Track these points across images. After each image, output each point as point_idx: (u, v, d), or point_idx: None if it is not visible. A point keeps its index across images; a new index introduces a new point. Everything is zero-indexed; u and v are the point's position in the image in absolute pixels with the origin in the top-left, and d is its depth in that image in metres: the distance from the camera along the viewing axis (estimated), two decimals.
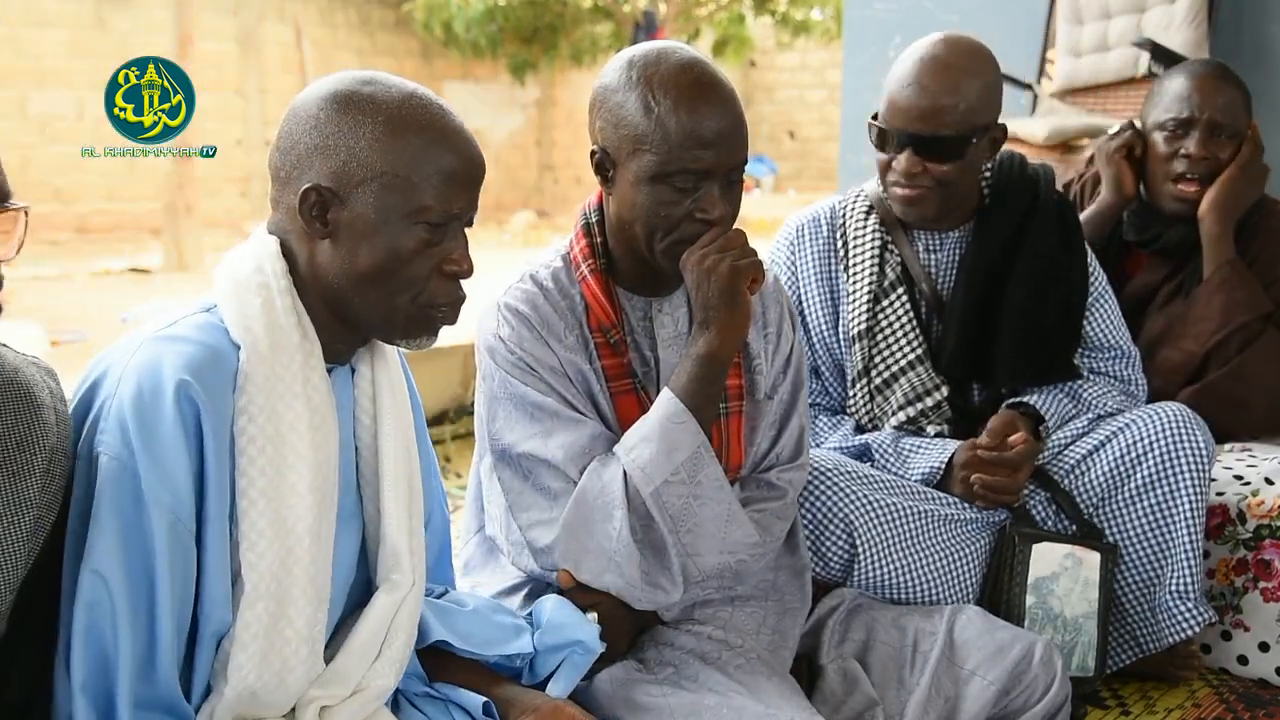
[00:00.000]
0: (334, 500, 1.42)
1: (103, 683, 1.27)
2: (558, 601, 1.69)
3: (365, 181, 1.37)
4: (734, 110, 1.69)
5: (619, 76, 1.71)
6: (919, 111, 2.18)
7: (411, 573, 1.50)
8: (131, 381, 1.29)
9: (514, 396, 1.74)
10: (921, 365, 2.28)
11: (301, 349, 1.38)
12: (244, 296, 1.38)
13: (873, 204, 2.35)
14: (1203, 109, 2.59)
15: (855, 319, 2.29)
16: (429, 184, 1.38)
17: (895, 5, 4.92)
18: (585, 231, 1.83)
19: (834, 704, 1.84)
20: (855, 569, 2.08)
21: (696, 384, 1.71)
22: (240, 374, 1.34)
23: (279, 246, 1.41)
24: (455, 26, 14.59)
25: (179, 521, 1.28)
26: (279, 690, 1.38)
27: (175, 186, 9.74)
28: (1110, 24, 4.01)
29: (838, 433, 2.32)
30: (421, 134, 1.39)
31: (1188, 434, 2.25)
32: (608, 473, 1.70)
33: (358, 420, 1.50)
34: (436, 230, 1.40)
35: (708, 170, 1.68)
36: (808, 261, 2.36)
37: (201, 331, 1.36)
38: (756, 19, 16.88)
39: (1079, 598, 2.21)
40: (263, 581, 1.34)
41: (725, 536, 1.74)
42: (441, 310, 1.45)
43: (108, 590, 1.26)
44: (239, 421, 1.33)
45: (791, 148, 19.81)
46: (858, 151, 5.14)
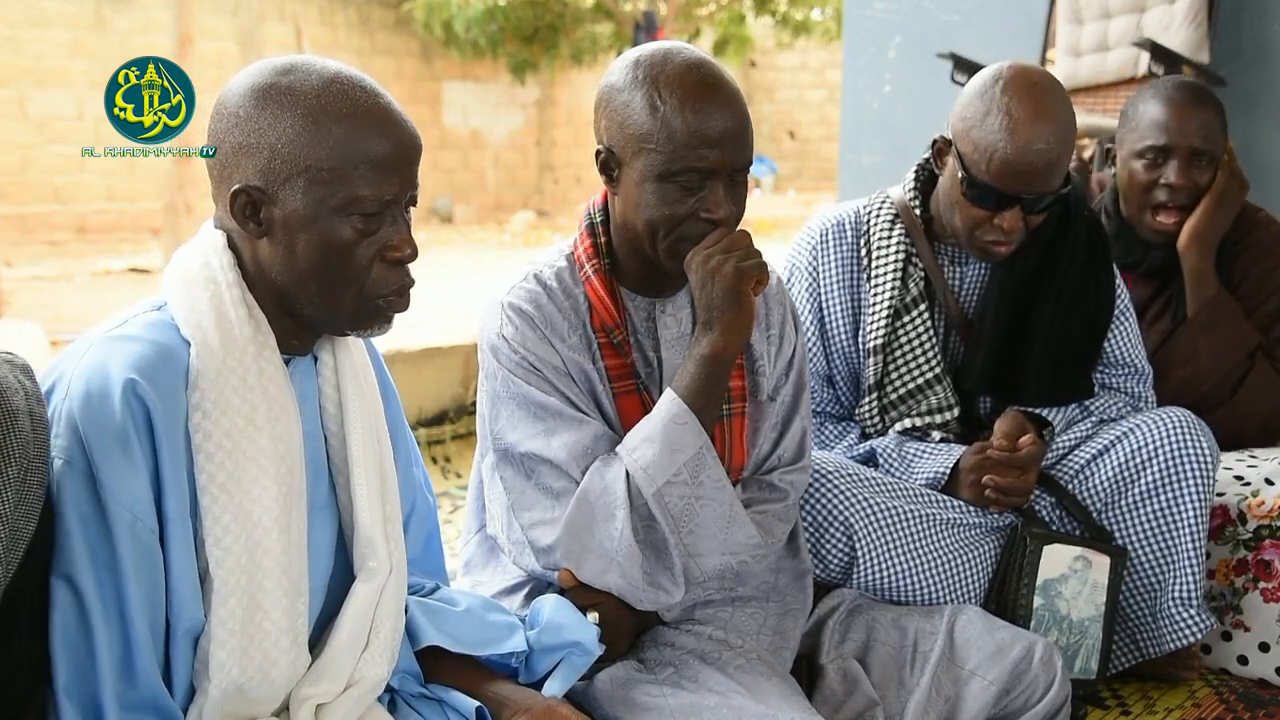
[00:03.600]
0: (302, 491, 1.41)
1: (86, 686, 1.26)
2: (557, 602, 1.69)
3: (292, 177, 1.34)
4: (740, 110, 1.69)
5: (625, 76, 1.71)
6: (1038, 174, 2.07)
7: (388, 559, 1.49)
8: (80, 384, 1.28)
9: (517, 396, 1.74)
10: (939, 384, 2.24)
11: (254, 341, 1.37)
12: (192, 292, 1.37)
13: (898, 212, 2.29)
14: (1181, 135, 2.52)
15: (874, 333, 2.25)
16: (357, 173, 1.35)
17: (895, 5, 4.92)
18: (589, 231, 1.83)
19: (834, 704, 1.84)
20: (855, 571, 2.08)
21: (699, 384, 1.71)
22: (192, 370, 1.33)
23: (226, 241, 1.40)
24: (455, 26, 14.60)
25: (138, 521, 1.27)
26: (265, 684, 1.37)
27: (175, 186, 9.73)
28: (1110, 24, 4.01)
29: (843, 441, 2.30)
30: (343, 122, 1.35)
31: (1193, 440, 2.24)
32: (610, 473, 1.70)
33: (324, 410, 1.49)
34: (372, 219, 1.37)
35: (713, 169, 1.67)
36: (830, 269, 2.31)
37: (150, 330, 1.35)
38: (756, 19, 16.88)
39: (1086, 601, 2.20)
40: (232, 577, 1.33)
41: (727, 538, 1.74)
42: (389, 299, 1.42)
43: (78, 594, 1.25)
44: (194, 418, 1.32)
45: (791, 148, 19.82)
46: (858, 151, 5.15)
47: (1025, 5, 4.24)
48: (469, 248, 12.60)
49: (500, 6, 14.69)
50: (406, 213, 1.42)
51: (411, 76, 15.83)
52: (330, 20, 14.85)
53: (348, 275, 1.38)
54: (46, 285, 8.97)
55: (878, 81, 5.03)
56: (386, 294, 1.41)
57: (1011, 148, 2.05)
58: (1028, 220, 2.14)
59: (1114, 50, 3.97)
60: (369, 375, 1.55)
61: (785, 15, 16.47)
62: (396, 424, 1.63)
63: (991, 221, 2.12)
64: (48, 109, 12.31)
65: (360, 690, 1.46)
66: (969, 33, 4.49)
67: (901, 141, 4.76)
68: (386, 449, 1.55)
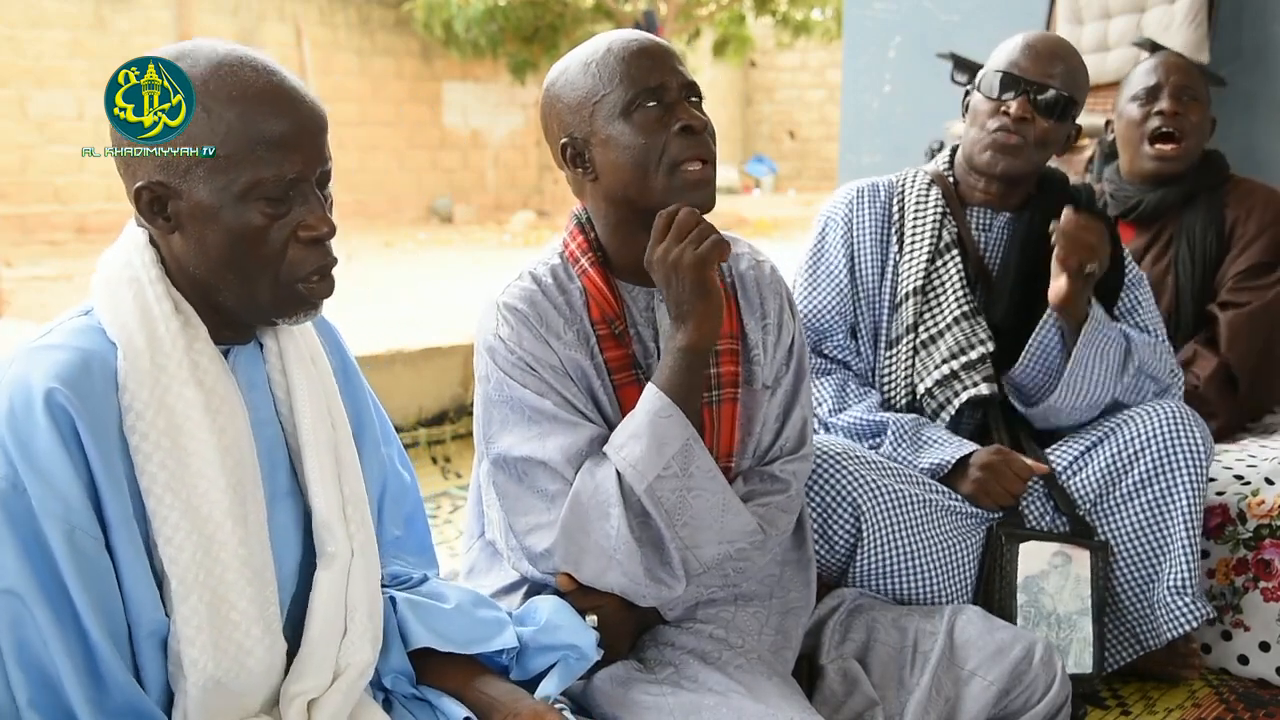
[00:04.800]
0: (255, 480, 1.39)
1: (53, 698, 1.25)
2: (557, 603, 1.68)
3: (191, 168, 1.32)
4: (662, 44, 1.79)
5: (554, 75, 1.81)
6: (1042, 64, 2.33)
7: (348, 541, 1.47)
8: (4, 399, 1.27)
9: (510, 400, 1.74)
10: (969, 320, 2.34)
11: (184, 334, 1.35)
12: (116, 292, 1.36)
13: (933, 179, 2.46)
14: (1169, 75, 2.83)
15: (912, 276, 2.37)
16: (255, 155, 1.32)
17: (895, 5, 4.92)
18: (579, 228, 1.84)
19: (834, 704, 1.84)
20: (858, 554, 2.09)
21: (679, 376, 1.72)
22: (120, 372, 1.31)
23: (147, 238, 1.39)
24: (455, 26, 14.60)
25: (76, 529, 1.25)
26: (243, 675, 1.36)
27: None
28: (1110, 24, 4.01)
29: (863, 403, 2.34)
30: (234, 105, 1.32)
31: (1185, 431, 2.26)
32: (600, 472, 1.70)
33: (275, 396, 1.48)
34: (280, 202, 1.34)
35: (662, 86, 1.73)
36: (864, 221, 2.44)
37: (75, 336, 1.33)
38: (756, 19, 16.88)
39: (1071, 595, 2.22)
40: (188, 574, 1.32)
41: (722, 526, 1.74)
42: (310, 283, 1.39)
43: (25, 607, 1.24)
44: (128, 420, 1.31)
45: (791, 148, 19.83)
46: (858, 151, 5.15)
47: (1025, 5, 4.24)
48: (469, 248, 12.61)
49: (500, 6, 14.69)
50: (321, 190, 1.39)
51: (411, 76, 15.83)
52: (330, 20, 14.85)
53: (262, 261, 1.36)
54: (46, 285, 8.97)
55: (878, 81, 5.03)
56: (306, 276, 1.38)
57: (1021, 39, 2.38)
58: (1036, 123, 2.31)
59: (1114, 50, 3.97)
60: (319, 358, 1.53)
61: (785, 15, 16.47)
62: (360, 405, 1.61)
63: (999, 110, 2.34)
64: (48, 109, 12.31)
65: (348, 679, 1.45)
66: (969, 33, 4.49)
67: (901, 141, 4.77)
68: (343, 431, 1.52)
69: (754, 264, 1.94)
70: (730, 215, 13.79)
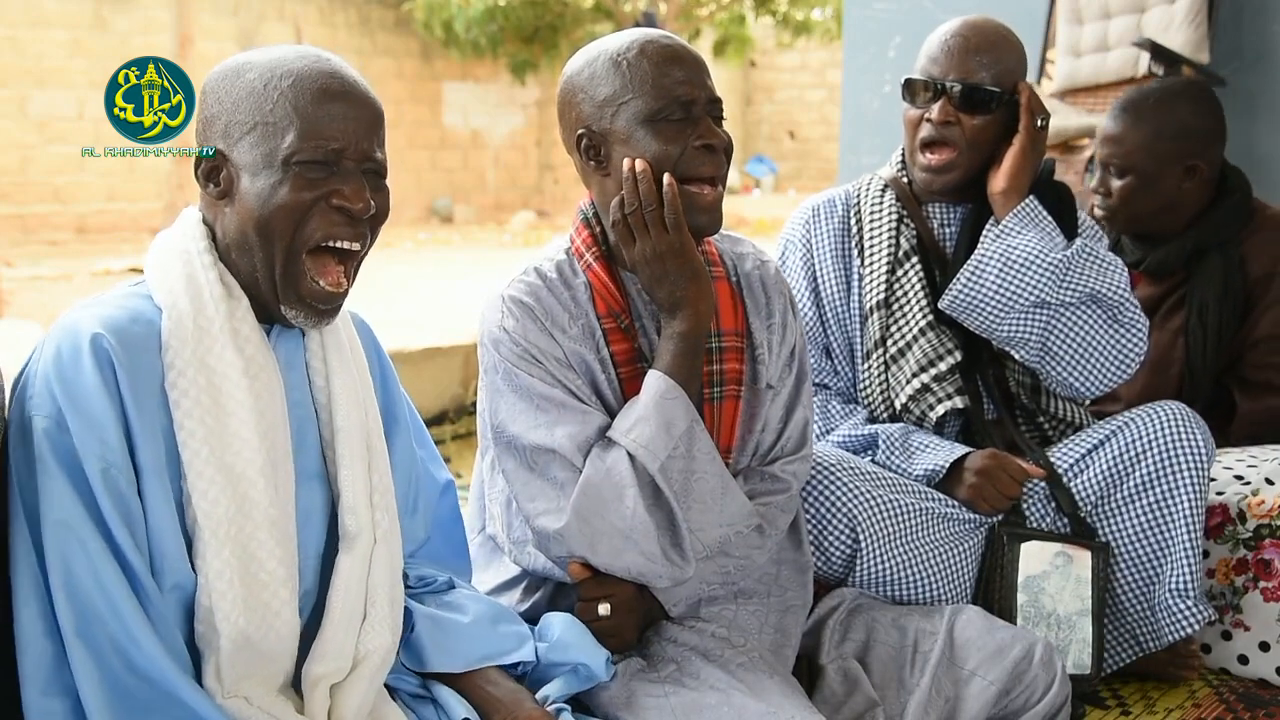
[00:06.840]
0: (286, 449, 1.44)
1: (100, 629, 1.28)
2: (569, 621, 1.70)
3: (244, 135, 1.41)
4: (698, 57, 1.79)
5: (579, 64, 1.80)
6: (958, 60, 2.26)
7: (372, 528, 1.51)
8: (52, 345, 1.35)
9: (519, 388, 1.75)
10: (934, 330, 2.30)
11: (226, 302, 1.42)
12: (166, 263, 1.44)
13: (888, 183, 2.41)
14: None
15: (874, 289, 2.33)
16: (304, 123, 1.40)
17: (895, 5, 4.92)
18: (585, 224, 1.85)
19: (834, 704, 1.84)
20: (857, 564, 2.09)
21: (680, 359, 1.75)
22: (164, 332, 1.38)
23: (200, 217, 1.48)
24: (455, 26, 14.60)
25: (111, 467, 1.31)
26: (272, 636, 1.39)
27: (175, 186, 9.76)
28: (1110, 24, 4.01)
29: (849, 421, 2.33)
30: (291, 78, 1.41)
31: (1187, 433, 2.26)
32: (610, 456, 1.71)
33: (312, 383, 1.53)
34: (319, 167, 1.41)
35: (692, 100, 1.74)
36: (823, 239, 2.41)
37: (124, 299, 1.42)
38: (757, 19, 16.88)
39: (1071, 595, 2.22)
40: (221, 527, 1.36)
41: (722, 509, 1.76)
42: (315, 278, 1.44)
43: (77, 538, 1.29)
44: (169, 376, 1.37)
45: (791, 148, 19.82)
46: (857, 151, 5.15)
47: (1025, 5, 4.24)
48: (469, 248, 12.61)
49: (500, 6, 14.70)
50: (365, 175, 1.45)
51: (411, 76, 15.83)
52: (330, 20, 14.86)
53: (285, 221, 1.41)
54: (46, 285, 8.97)
55: (878, 81, 5.03)
56: (318, 242, 1.43)
57: (937, 36, 2.31)
58: (963, 123, 2.25)
59: (1114, 50, 3.97)
60: (357, 350, 1.59)
61: (785, 15, 16.47)
62: (391, 400, 1.66)
63: (923, 119, 2.29)
64: (48, 109, 12.31)
65: (370, 666, 1.47)
66: None
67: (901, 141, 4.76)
68: (375, 423, 1.57)
69: (759, 264, 1.95)
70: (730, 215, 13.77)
